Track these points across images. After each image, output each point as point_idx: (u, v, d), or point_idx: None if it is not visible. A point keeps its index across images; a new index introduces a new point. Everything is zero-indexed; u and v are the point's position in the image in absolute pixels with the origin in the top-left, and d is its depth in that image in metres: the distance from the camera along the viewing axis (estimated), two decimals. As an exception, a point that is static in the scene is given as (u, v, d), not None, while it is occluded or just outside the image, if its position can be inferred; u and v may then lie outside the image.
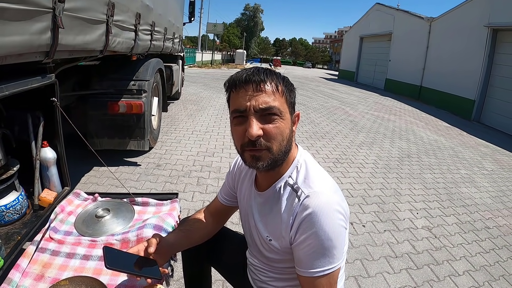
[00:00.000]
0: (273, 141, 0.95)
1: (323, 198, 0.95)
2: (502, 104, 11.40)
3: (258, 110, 0.93)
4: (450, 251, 3.00)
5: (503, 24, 11.47)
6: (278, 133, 0.95)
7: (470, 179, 5.23)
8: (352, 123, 8.74)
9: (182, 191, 3.62)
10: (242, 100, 0.96)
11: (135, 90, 3.83)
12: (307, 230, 0.93)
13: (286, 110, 0.98)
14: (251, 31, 68.32)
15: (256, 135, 0.92)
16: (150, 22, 4.18)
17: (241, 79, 0.97)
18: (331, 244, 0.91)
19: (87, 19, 2.23)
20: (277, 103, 0.95)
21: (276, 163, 1.00)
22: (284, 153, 0.99)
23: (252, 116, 0.94)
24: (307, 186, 1.00)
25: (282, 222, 1.02)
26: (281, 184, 1.06)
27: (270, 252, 1.12)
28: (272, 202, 1.08)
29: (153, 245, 1.13)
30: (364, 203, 3.79)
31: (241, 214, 1.30)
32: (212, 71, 25.51)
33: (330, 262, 0.92)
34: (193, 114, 7.86)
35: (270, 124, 0.94)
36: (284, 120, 0.97)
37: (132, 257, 1.12)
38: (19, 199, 1.68)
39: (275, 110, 0.94)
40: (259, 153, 0.96)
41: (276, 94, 0.96)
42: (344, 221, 0.96)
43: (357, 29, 27.35)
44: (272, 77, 0.98)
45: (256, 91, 0.94)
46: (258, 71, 0.97)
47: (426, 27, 17.22)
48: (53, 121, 1.93)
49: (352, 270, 2.55)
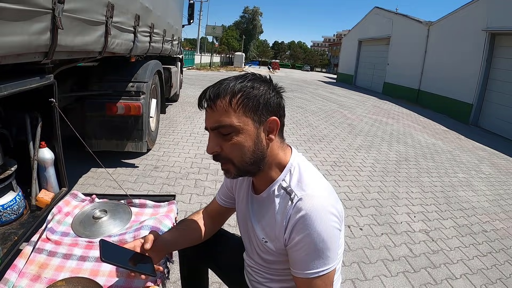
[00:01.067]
0: (232, 157, 0.99)
1: (316, 201, 0.95)
2: (499, 108, 11.46)
3: (212, 128, 0.98)
4: (448, 254, 3.00)
5: (501, 28, 11.54)
6: (235, 149, 0.97)
7: (468, 182, 5.25)
8: (350, 126, 8.75)
9: (180, 193, 3.61)
10: (205, 118, 1.01)
11: (134, 92, 3.83)
12: (300, 232, 0.94)
13: (245, 122, 0.96)
14: (250, 34, 68.34)
15: (210, 152, 1.00)
16: (149, 23, 4.18)
17: (200, 98, 1.00)
18: (325, 246, 0.92)
19: (86, 20, 2.23)
20: (231, 119, 0.95)
21: (248, 173, 1.05)
22: (252, 164, 1.01)
23: (210, 134, 1.00)
24: (300, 188, 1.00)
25: (276, 224, 1.03)
26: (275, 187, 1.07)
27: (266, 254, 1.13)
28: (267, 205, 1.09)
29: (149, 241, 1.14)
30: (361, 206, 3.80)
31: (238, 216, 1.30)
32: (210, 74, 25.52)
33: (325, 264, 0.93)
34: (191, 116, 7.86)
35: (227, 142, 0.97)
36: (242, 134, 0.96)
37: (128, 252, 1.12)
38: (17, 200, 1.68)
39: (226, 127, 0.95)
40: (225, 166, 1.02)
41: (228, 109, 0.95)
42: (338, 223, 0.97)
43: (356, 33, 27.43)
44: (226, 92, 0.96)
45: (210, 110, 0.98)
46: (213, 87, 0.98)
47: (425, 31, 17.30)
48: (51, 121, 1.93)
49: (349, 273, 2.55)
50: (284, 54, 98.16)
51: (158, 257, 1.20)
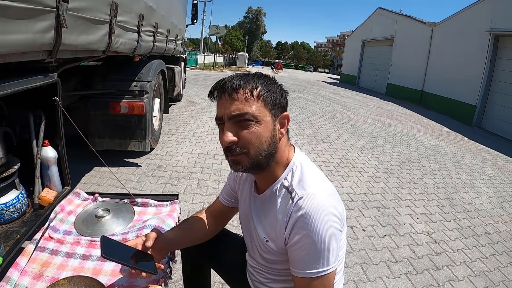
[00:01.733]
0: (249, 146, 0.97)
1: (317, 200, 0.95)
2: (503, 110, 11.40)
3: (231, 117, 0.97)
4: (450, 256, 2.99)
5: (505, 29, 11.48)
6: (254, 138, 0.97)
7: (471, 184, 5.23)
8: (353, 127, 8.73)
9: (183, 192, 3.61)
10: (219, 108, 1.01)
11: (137, 91, 3.83)
12: (300, 232, 0.94)
13: (264, 113, 0.99)
14: (253, 34, 68.46)
15: (228, 141, 0.97)
16: (153, 23, 4.18)
17: (218, 88, 1.02)
18: (325, 246, 0.92)
19: (91, 19, 2.24)
20: (252, 108, 0.97)
21: (259, 166, 1.02)
22: (266, 157, 1.01)
23: (226, 124, 0.98)
24: (301, 188, 1.01)
25: (277, 223, 1.04)
26: (277, 186, 1.07)
27: (267, 254, 1.13)
28: (269, 204, 1.09)
29: (151, 239, 1.14)
30: (364, 207, 3.79)
31: (241, 216, 1.31)
32: (214, 74, 25.55)
33: (324, 264, 0.93)
34: (194, 116, 7.87)
35: (245, 130, 0.97)
36: (261, 124, 0.98)
37: (130, 250, 1.12)
38: (19, 198, 1.68)
39: (248, 116, 0.96)
40: (237, 158, 1.00)
41: (250, 100, 0.97)
42: (339, 223, 0.97)
43: (359, 34, 27.39)
44: (247, 83, 0.99)
45: (230, 99, 0.98)
46: (233, 78, 1.00)
47: (428, 32, 17.24)
48: (54, 120, 1.93)
49: (352, 275, 2.54)
50: (288, 55, 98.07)
51: (160, 255, 1.20)
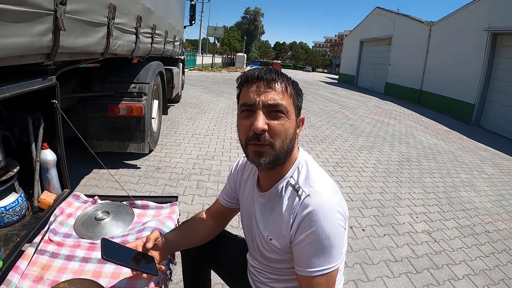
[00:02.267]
0: (276, 138, 0.98)
1: (324, 198, 0.97)
2: (502, 108, 11.43)
3: (266, 106, 0.97)
4: (450, 255, 2.99)
5: (502, 28, 11.51)
6: (283, 131, 0.98)
7: (470, 183, 5.23)
8: (352, 127, 8.74)
9: (182, 194, 3.61)
10: (252, 94, 0.99)
11: (136, 93, 3.84)
12: (306, 229, 0.95)
13: (292, 111, 1.01)
14: (251, 34, 68.36)
15: (261, 128, 0.95)
16: (151, 25, 4.18)
17: (253, 76, 1.01)
18: (330, 243, 0.93)
19: (88, 21, 2.24)
20: (285, 102, 0.98)
21: (278, 161, 1.02)
22: (286, 152, 1.01)
23: (259, 111, 0.97)
24: (308, 185, 1.02)
25: (283, 221, 1.04)
26: (283, 184, 1.08)
27: (270, 252, 1.13)
28: (274, 202, 1.10)
29: (151, 240, 1.15)
30: (363, 207, 3.79)
31: (243, 215, 1.31)
32: (212, 74, 25.55)
33: (329, 262, 0.94)
34: (193, 117, 7.86)
35: (276, 121, 0.97)
36: (290, 119, 1.00)
37: (130, 251, 1.12)
38: (19, 201, 1.68)
39: (282, 108, 0.97)
40: (262, 148, 0.98)
41: (285, 94, 1.00)
42: (344, 221, 0.98)
43: (357, 33, 27.42)
44: (282, 78, 1.01)
45: (267, 87, 0.98)
46: (271, 70, 1.01)
47: (426, 31, 17.28)
48: (53, 123, 1.94)
49: (352, 274, 2.55)
50: (286, 55, 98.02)
51: (161, 257, 1.20)
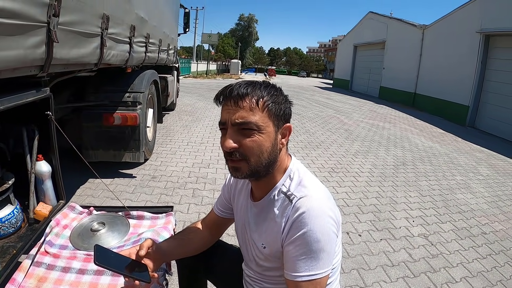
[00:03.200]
0: (250, 154, 0.99)
1: (316, 201, 0.98)
2: (496, 109, 11.52)
3: (234, 124, 0.98)
4: (447, 258, 3.00)
5: (495, 29, 11.64)
6: (255, 147, 0.98)
7: (466, 185, 5.26)
8: (347, 132, 8.77)
9: (178, 203, 3.60)
10: (224, 113, 1.02)
11: (130, 102, 3.84)
12: (297, 231, 0.95)
13: (267, 124, 1.00)
14: (245, 41, 68.67)
15: (229, 147, 0.98)
16: (145, 34, 4.20)
17: (223, 94, 1.02)
18: (320, 246, 0.93)
19: (82, 32, 2.24)
20: (256, 117, 0.98)
21: (258, 174, 1.03)
22: (265, 166, 1.02)
23: (229, 130, 0.99)
24: (300, 190, 1.03)
25: (276, 226, 1.04)
26: (275, 192, 1.09)
27: (265, 261, 1.13)
28: (267, 210, 1.10)
29: (144, 248, 1.13)
30: (360, 212, 3.79)
31: (237, 225, 1.31)
32: (207, 82, 25.58)
33: (317, 267, 0.94)
34: (188, 125, 7.86)
35: (247, 138, 0.98)
36: (264, 134, 0.99)
37: (123, 259, 1.11)
38: (14, 213, 1.68)
39: (251, 125, 0.97)
40: (237, 164, 1.01)
41: (255, 109, 0.99)
42: (336, 227, 0.99)
43: (351, 38, 27.60)
44: (254, 92, 1.00)
45: (235, 106, 0.99)
46: (241, 86, 1.01)
47: (419, 35, 17.43)
48: (48, 134, 1.94)
49: (349, 280, 2.54)
50: (280, 61, 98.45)
51: (154, 265, 1.19)
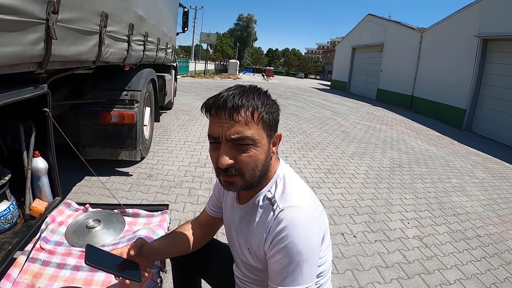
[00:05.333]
0: (245, 170, 0.96)
1: (297, 213, 0.95)
2: (492, 113, 11.59)
3: (230, 140, 0.93)
4: (441, 260, 3.02)
5: (493, 34, 11.70)
6: (251, 161, 0.96)
7: (461, 188, 5.29)
8: (344, 134, 8.79)
9: (174, 201, 3.61)
10: (216, 127, 0.95)
11: (127, 100, 3.84)
12: (278, 244, 0.94)
13: (262, 136, 0.97)
14: (244, 41, 68.59)
15: (226, 164, 0.94)
16: (143, 32, 4.20)
17: (215, 105, 0.95)
18: (302, 258, 0.91)
19: (80, 30, 2.24)
20: (252, 131, 0.94)
21: (251, 186, 1.02)
22: (259, 177, 1.01)
23: (224, 145, 0.94)
24: (283, 200, 1.01)
25: (258, 234, 1.04)
26: (260, 198, 1.08)
27: (250, 264, 1.13)
28: (251, 215, 1.10)
29: (135, 247, 1.14)
30: (355, 214, 3.81)
31: (225, 226, 1.31)
32: (205, 81, 25.56)
33: (299, 281, 0.92)
34: (185, 124, 7.87)
35: (244, 153, 0.95)
36: (259, 147, 0.97)
37: (115, 258, 1.12)
38: (10, 209, 1.68)
39: (248, 140, 0.93)
40: (232, 179, 0.98)
41: (250, 123, 0.94)
42: (318, 237, 0.98)
43: (350, 40, 27.65)
44: (248, 103, 0.95)
45: (229, 120, 0.93)
46: (234, 96, 0.95)
47: (417, 38, 17.49)
48: (45, 131, 1.94)
49: (343, 281, 2.56)
50: (278, 61, 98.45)
51: (146, 264, 1.19)
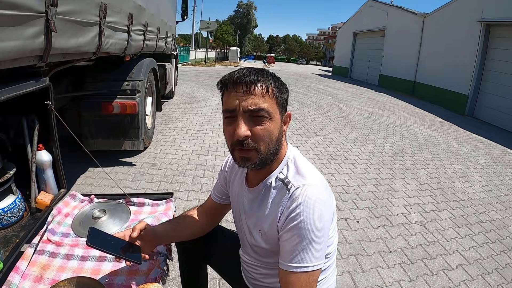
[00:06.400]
0: (261, 142, 0.97)
1: (313, 191, 0.97)
2: (495, 99, 11.49)
3: (247, 111, 0.95)
4: (444, 245, 3.04)
5: (496, 19, 11.53)
6: (266, 134, 0.97)
7: (464, 173, 5.29)
8: (346, 120, 8.78)
9: (177, 190, 3.64)
10: (232, 100, 0.98)
11: (129, 91, 3.84)
12: (293, 220, 0.95)
13: (276, 111, 1.00)
14: (244, 28, 68.03)
15: (243, 135, 0.95)
16: (143, 22, 4.18)
17: (232, 80, 0.98)
18: (314, 236, 0.93)
19: (80, 21, 2.24)
20: (267, 104, 0.97)
21: (265, 163, 1.03)
22: (272, 153, 1.02)
23: (240, 117, 0.96)
24: (298, 179, 1.03)
25: (271, 214, 1.05)
26: (272, 179, 1.09)
27: (260, 247, 1.14)
28: (263, 197, 1.11)
29: (136, 230, 1.17)
30: (358, 199, 3.83)
31: (233, 211, 1.32)
32: (206, 69, 25.46)
33: (310, 259, 0.93)
34: (187, 112, 7.87)
35: (259, 126, 0.96)
36: (273, 121, 0.99)
37: (117, 240, 1.14)
38: (16, 202, 1.70)
39: (263, 112, 0.96)
40: (248, 154, 0.99)
41: (266, 96, 0.97)
42: (331, 216, 1.00)
43: (351, 25, 27.38)
44: (263, 79, 0.98)
45: (246, 92, 0.96)
46: (250, 72, 0.98)
47: (419, 23, 17.28)
48: (48, 124, 1.94)
49: (346, 266, 2.59)
50: (279, 48, 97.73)
51: (148, 247, 1.22)
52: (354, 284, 2.40)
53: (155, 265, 1.32)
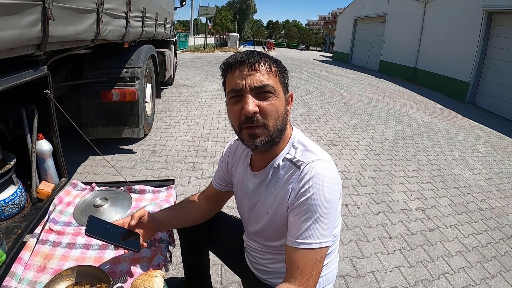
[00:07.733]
0: (269, 118, 0.99)
1: (324, 166, 0.99)
2: (496, 87, 11.41)
3: (253, 88, 0.98)
4: (443, 232, 3.06)
5: (498, 7, 11.37)
6: (273, 110, 0.99)
7: (464, 161, 5.29)
8: (347, 105, 8.76)
9: (178, 176, 3.64)
10: (237, 79, 1.00)
11: (128, 78, 3.81)
12: (304, 194, 0.96)
13: (280, 89, 1.03)
14: (243, 14, 67.31)
15: (252, 111, 0.96)
16: (141, 8, 4.13)
17: (236, 61, 1.02)
18: (324, 212, 0.94)
19: (77, 9, 2.21)
20: (271, 81, 1.00)
21: (273, 141, 1.03)
22: (279, 131, 1.03)
23: (248, 94, 0.98)
24: (307, 156, 1.04)
25: (280, 193, 1.05)
26: (279, 161, 1.09)
27: (266, 231, 1.15)
28: (271, 178, 1.11)
29: (135, 218, 1.18)
30: (358, 185, 3.84)
31: (237, 197, 1.33)
32: (205, 55, 25.29)
33: (318, 235, 0.93)
34: (187, 99, 7.83)
35: (266, 102, 0.99)
36: (279, 98, 1.01)
37: (116, 228, 1.15)
38: (18, 193, 1.69)
39: (269, 88, 0.99)
40: (257, 130, 1.00)
41: (270, 73, 1.01)
42: (339, 193, 1.01)
43: (351, 11, 27.11)
44: (265, 59, 1.03)
45: (251, 70, 0.99)
46: (252, 53, 1.03)
47: (421, 9, 17.08)
48: (47, 113, 1.93)
49: (347, 251, 2.61)
50: (279, 34, 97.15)
51: (147, 234, 1.23)
52: (355, 269, 2.42)
53: (157, 252, 1.33)
